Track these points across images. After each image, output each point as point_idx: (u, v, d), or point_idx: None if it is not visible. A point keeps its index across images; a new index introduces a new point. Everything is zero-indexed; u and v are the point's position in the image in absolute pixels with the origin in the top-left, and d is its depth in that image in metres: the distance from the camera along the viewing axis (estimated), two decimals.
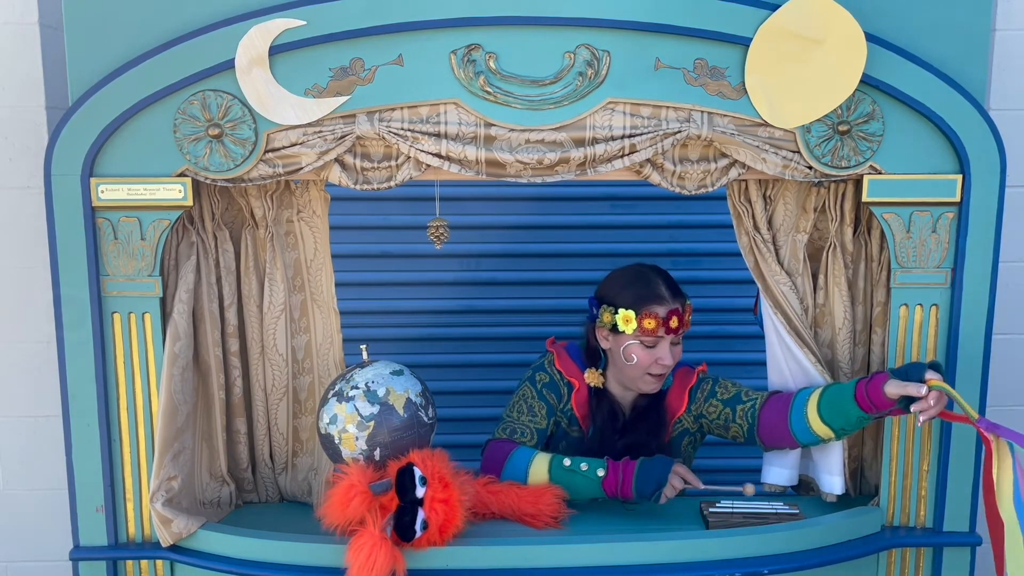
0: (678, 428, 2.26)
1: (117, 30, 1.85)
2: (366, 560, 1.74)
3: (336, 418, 1.89)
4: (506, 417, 2.23)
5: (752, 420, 2.13)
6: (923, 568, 2.07)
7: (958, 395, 1.83)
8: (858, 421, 1.97)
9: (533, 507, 2.01)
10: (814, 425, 2.01)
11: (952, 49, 1.89)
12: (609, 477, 2.03)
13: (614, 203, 3.45)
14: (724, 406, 2.19)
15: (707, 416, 2.22)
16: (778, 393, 2.14)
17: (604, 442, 2.21)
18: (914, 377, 1.85)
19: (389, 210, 3.40)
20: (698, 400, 2.24)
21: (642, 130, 1.90)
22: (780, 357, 2.14)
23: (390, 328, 3.44)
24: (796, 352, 2.09)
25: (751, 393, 2.17)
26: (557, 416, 2.26)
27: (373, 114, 1.89)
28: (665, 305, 2.13)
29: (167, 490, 1.95)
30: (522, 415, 2.22)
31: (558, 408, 2.26)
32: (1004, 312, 2.09)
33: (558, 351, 2.29)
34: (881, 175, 1.93)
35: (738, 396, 2.18)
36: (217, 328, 2.06)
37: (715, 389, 2.22)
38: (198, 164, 1.89)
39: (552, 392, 2.25)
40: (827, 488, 2.13)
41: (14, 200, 2.23)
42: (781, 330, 2.09)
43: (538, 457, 2.10)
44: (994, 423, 1.79)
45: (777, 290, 2.08)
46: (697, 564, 1.92)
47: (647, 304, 2.13)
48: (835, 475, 2.11)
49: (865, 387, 1.92)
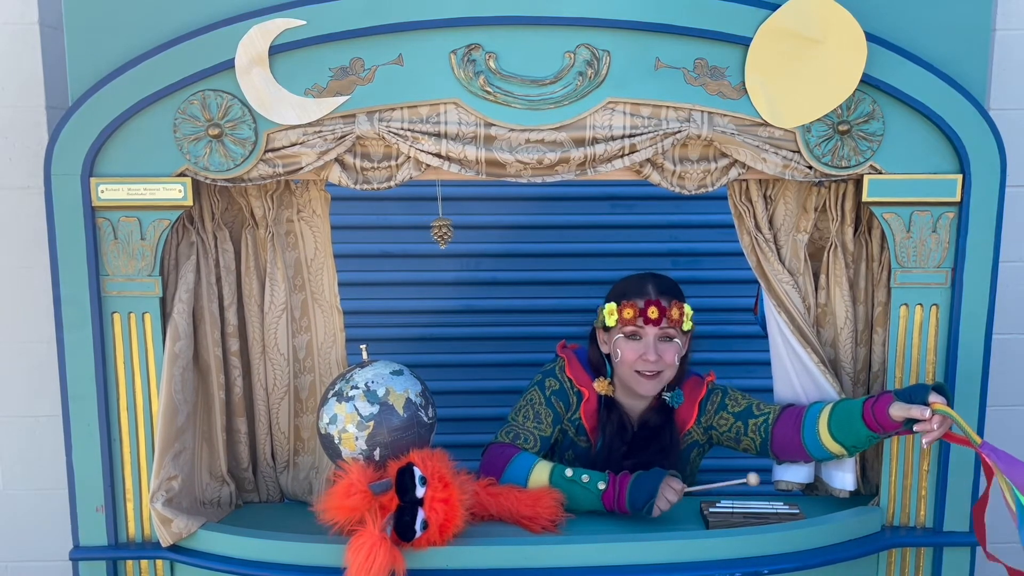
0: (687, 440, 2.25)
1: (117, 30, 1.85)
2: (365, 560, 1.74)
3: (336, 418, 1.89)
4: (511, 420, 2.19)
5: (765, 435, 2.12)
6: (923, 568, 2.07)
7: (961, 419, 1.81)
8: (868, 440, 1.97)
9: (531, 510, 1.99)
10: (826, 443, 2.02)
11: (952, 49, 1.89)
12: (608, 491, 2.02)
13: (614, 203, 3.45)
14: (736, 419, 2.17)
15: (717, 428, 2.21)
16: (790, 407, 2.13)
17: (611, 456, 2.18)
18: (918, 399, 1.84)
19: (389, 210, 3.40)
20: (708, 412, 2.22)
21: (642, 130, 1.90)
22: (784, 357, 2.13)
23: (390, 328, 3.44)
24: (800, 353, 2.09)
25: (763, 407, 2.16)
26: (564, 424, 2.23)
27: (373, 114, 1.89)
28: (645, 297, 2.11)
29: (167, 490, 1.95)
30: (528, 420, 2.18)
31: (566, 416, 2.23)
32: (1004, 312, 2.08)
33: (569, 357, 2.25)
34: (881, 175, 1.93)
35: (749, 410, 2.16)
36: (217, 328, 2.06)
37: (725, 401, 2.20)
38: (198, 164, 1.89)
39: (561, 400, 2.22)
40: (839, 484, 2.13)
41: (14, 200, 2.23)
42: (785, 330, 2.09)
43: (540, 464, 2.07)
44: (996, 449, 1.78)
45: (780, 289, 2.08)
46: (697, 564, 1.92)
47: (628, 296, 2.13)
48: (847, 472, 2.12)
49: (872, 408, 1.92)
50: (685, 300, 2.16)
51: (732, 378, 3.17)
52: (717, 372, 2.30)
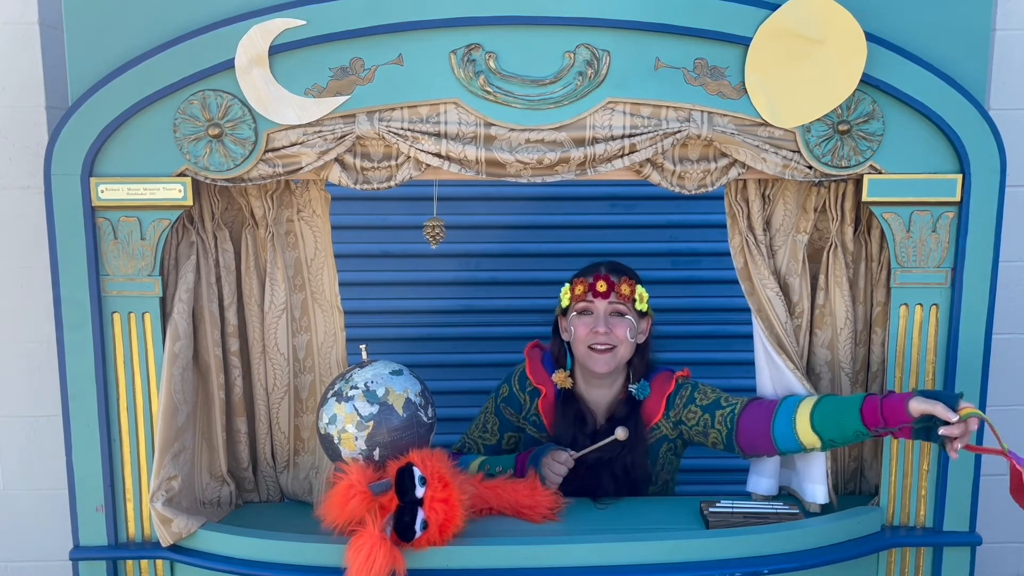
0: (656, 435, 2.23)
1: (117, 30, 1.85)
2: (365, 560, 1.74)
3: (335, 418, 1.89)
4: (466, 432, 2.36)
5: (731, 425, 2.08)
6: (923, 568, 2.07)
7: (991, 422, 1.75)
8: (855, 436, 1.91)
9: (530, 499, 2.03)
10: (801, 433, 1.95)
11: (952, 49, 1.89)
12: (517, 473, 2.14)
13: (614, 203, 3.45)
14: (703, 412, 2.14)
15: (686, 423, 2.18)
16: (759, 399, 2.10)
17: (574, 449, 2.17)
18: (945, 402, 1.77)
19: (389, 210, 3.40)
20: (676, 406, 2.19)
21: (642, 130, 1.90)
22: (763, 362, 2.12)
23: (390, 328, 3.44)
24: (775, 359, 2.08)
25: (731, 398, 2.12)
26: (520, 424, 2.31)
27: (373, 114, 1.89)
28: (595, 272, 2.18)
29: (167, 490, 1.95)
30: (475, 430, 2.36)
31: (519, 418, 2.30)
32: (1004, 312, 2.09)
33: (532, 357, 2.31)
34: (881, 175, 1.93)
35: (717, 402, 2.13)
36: (217, 328, 2.06)
37: (694, 395, 2.17)
38: (198, 164, 1.89)
39: (510, 406, 2.31)
40: (810, 497, 2.09)
41: (14, 200, 2.23)
42: (762, 335, 2.09)
43: (473, 463, 2.21)
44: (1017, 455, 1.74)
45: (763, 295, 2.07)
46: (697, 564, 1.92)
47: (580, 276, 2.20)
48: (818, 483, 2.08)
49: (880, 402, 1.85)
50: (640, 283, 2.20)
51: (732, 378, 3.18)
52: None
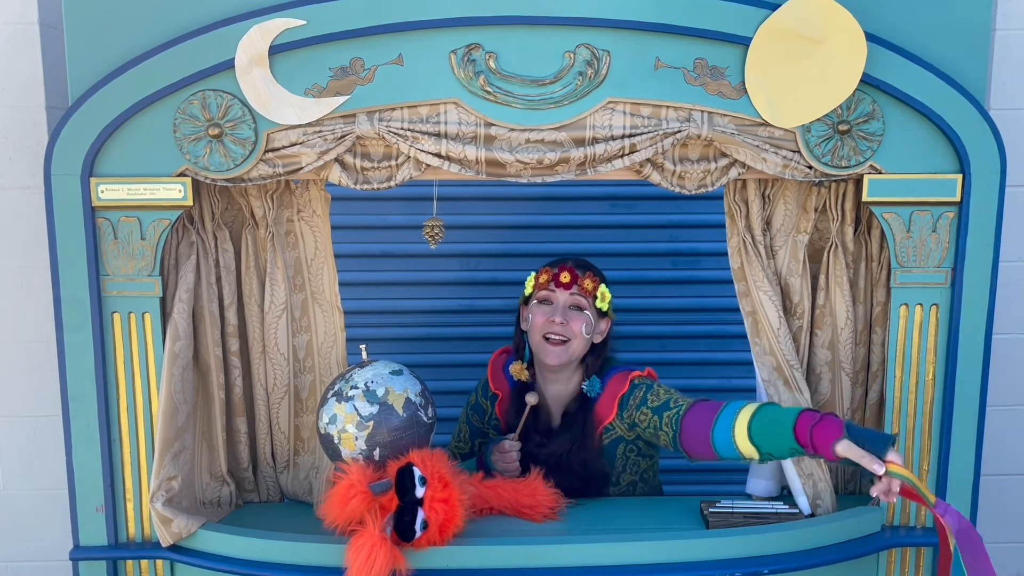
0: (609, 436, 2.20)
1: (117, 30, 1.85)
2: (366, 560, 1.74)
3: (335, 418, 1.89)
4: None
5: (676, 427, 2.00)
6: (923, 568, 2.07)
7: (918, 481, 1.69)
8: (790, 452, 1.81)
9: (531, 499, 2.04)
10: (739, 442, 1.87)
11: (952, 49, 1.89)
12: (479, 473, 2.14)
13: (614, 203, 3.45)
14: (653, 414, 2.07)
15: (640, 425, 2.12)
16: (704, 400, 2.03)
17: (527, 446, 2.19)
18: (874, 449, 1.69)
19: (389, 210, 3.40)
20: (630, 407, 2.14)
21: (642, 130, 1.90)
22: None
23: (390, 328, 3.44)
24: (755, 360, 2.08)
25: (680, 400, 2.05)
26: (485, 429, 2.35)
27: (373, 114, 1.89)
28: (562, 264, 2.19)
29: (167, 490, 1.96)
30: (453, 440, 2.42)
31: (484, 424, 2.35)
32: (1004, 312, 2.09)
33: (495, 363, 2.35)
34: (881, 175, 1.93)
35: (667, 403, 2.06)
36: (217, 328, 2.06)
37: (647, 396, 2.11)
38: (198, 164, 1.89)
39: (476, 412, 2.38)
40: (799, 506, 2.08)
41: (14, 200, 2.23)
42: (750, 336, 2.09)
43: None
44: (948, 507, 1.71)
45: (756, 296, 2.06)
46: (697, 564, 1.92)
47: (546, 266, 2.21)
48: (799, 495, 2.07)
49: (811, 427, 1.75)
50: (606, 283, 2.20)
51: (731, 378, 3.19)
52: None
